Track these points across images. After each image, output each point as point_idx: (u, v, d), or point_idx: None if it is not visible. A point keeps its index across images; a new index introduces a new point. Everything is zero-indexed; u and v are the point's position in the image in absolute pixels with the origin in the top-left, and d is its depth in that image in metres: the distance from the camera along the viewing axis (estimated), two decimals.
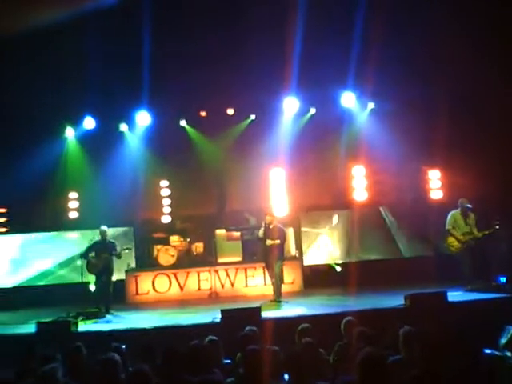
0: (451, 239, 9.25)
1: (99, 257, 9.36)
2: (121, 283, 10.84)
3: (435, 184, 11.79)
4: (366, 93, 11.67)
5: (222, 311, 7.05)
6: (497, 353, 5.15)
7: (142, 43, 10.44)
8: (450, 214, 9.36)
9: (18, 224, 11.99)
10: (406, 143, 10.84)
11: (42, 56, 10.19)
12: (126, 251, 9.70)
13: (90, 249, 9.50)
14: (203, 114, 12.18)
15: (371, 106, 12.01)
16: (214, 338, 5.07)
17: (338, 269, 11.43)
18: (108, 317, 8.92)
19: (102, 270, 9.37)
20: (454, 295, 7.97)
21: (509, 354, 5.01)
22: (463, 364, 4.05)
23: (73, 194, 12.31)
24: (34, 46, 9.96)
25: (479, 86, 10.41)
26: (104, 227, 9.65)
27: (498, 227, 9.05)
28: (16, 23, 9.43)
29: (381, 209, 11.94)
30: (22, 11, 9.36)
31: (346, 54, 10.49)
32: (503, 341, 5.24)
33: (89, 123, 11.94)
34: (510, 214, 9.70)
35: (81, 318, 8.44)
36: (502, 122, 10.40)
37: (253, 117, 12.34)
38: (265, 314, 7.29)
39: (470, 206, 9.19)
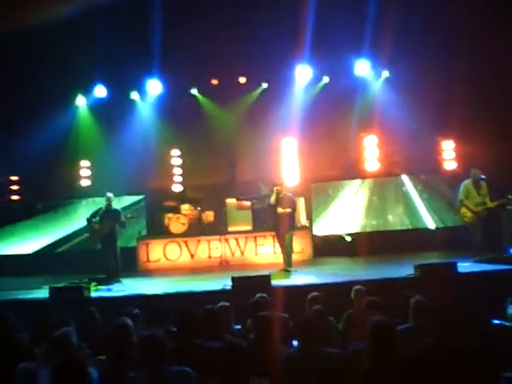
0: (464, 210, 9.18)
1: (103, 224, 9.32)
2: (132, 250, 11.00)
3: (449, 155, 11.65)
4: (380, 61, 11.45)
5: (233, 278, 7.12)
6: (506, 323, 5.18)
7: (152, 11, 10.31)
8: (462, 185, 9.28)
9: (31, 192, 12.11)
10: (421, 113, 10.67)
11: (53, 26, 10.09)
12: (130, 220, 9.65)
13: (94, 214, 9.48)
14: (215, 82, 12.07)
15: (386, 74, 11.79)
16: (226, 303, 5.13)
17: (348, 239, 11.44)
18: (119, 282, 9.03)
19: (105, 238, 9.34)
20: (464, 266, 7.96)
21: None
22: (473, 334, 4.07)
23: (84, 163, 12.37)
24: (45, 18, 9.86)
25: (498, 59, 10.18)
26: (109, 194, 9.54)
27: (511, 197, 8.96)
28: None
29: (399, 178, 11.86)
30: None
31: (361, 21, 10.29)
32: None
33: (100, 91, 11.91)
34: None
35: (93, 283, 8.58)
36: None
37: (265, 85, 12.22)
38: (275, 282, 7.34)
39: (483, 176, 9.10)
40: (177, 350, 3.99)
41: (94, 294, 7.79)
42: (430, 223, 11.64)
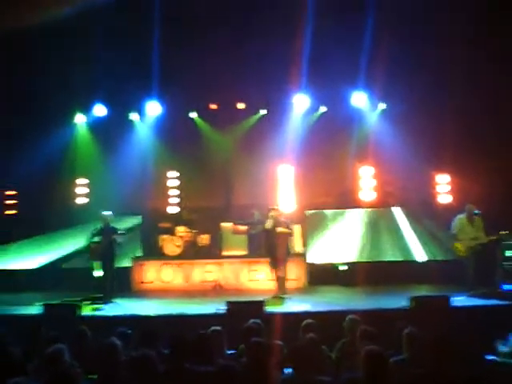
0: (457, 243, 9.23)
1: (101, 243, 9.33)
2: (127, 270, 10.95)
3: (444, 188, 11.76)
4: (377, 93, 11.66)
5: (228, 302, 7.09)
6: (499, 360, 5.18)
7: (153, 33, 10.49)
8: (456, 218, 9.34)
9: (28, 207, 12.08)
10: (416, 146, 10.83)
11: (55, 43, 10.25)
12: (120, 238, 9.46)
13: (92, 235, 9.48)
14: (214, 106, 12.23)
15: (382, 106, 12.00)
16: (218, 328, 5.11)
17: (343, 268, 11.44)
18: (113, 303, 8.98)
19: (103, 256, 9.35)
20: (458, 300, 7.98)
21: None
22: (465, 367, 4.08)
23: (81, 180, 12.39)
24: (47, 33, 10.01)
25: (492, 91, 10.40)
26: (105, 213, 9.56)
27: (505, 233, 9.04)
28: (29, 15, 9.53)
29: (392, 209, 11.96)
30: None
31: (357, 53, 10.50)
32: (505, 349, 5.25)
33: (99, 110, 12.01)
34: None
35: (86, 302, 8.53)
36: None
37: (263, 112, 12.38)
38: (268, 308, 7.32)
39: (477, 211, 9.18)
40: (168, 373, 3.97)
41: (86, 313, 7.73)
42: (421, 256, 11.67)
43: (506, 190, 10.48)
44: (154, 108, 12.05)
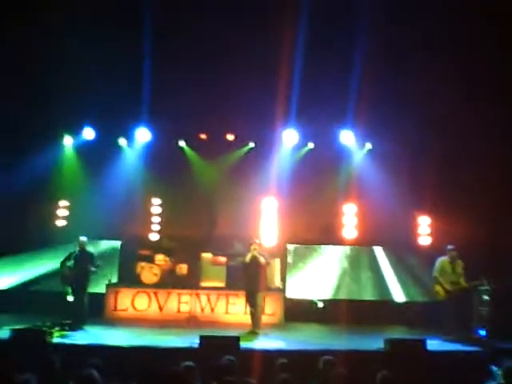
0: (437, 287, 9.25)
1: (75, 267, 9.21)
2: (100, 297, 10.75)
3: (424, 230, 11.87)
4: (363, 132, 11.86)
5: (201, 337, 6.97)
6: None
7: (145, 60, 10.61)
8: (438, 261, 9.38)
9: (4, 225, 11.88)
10: (400, 186, 10.99)
11: (47, 64, 10.30)
12: (94, 269, 9.35)
13: (67, 259, 9.35)
14: (203, 136, 12.28)
15: (369, 146, 12.18)
16: (191, 363, 5.02)
17: (320, 305, 11.39)
18: (83, 330, 8.80)
19: (76, 282, 9.21)
20: (433, 344, 7.96)
21: None
22: None
23: (63, 203, 12.26)
24: (38, 54, 10.07)
25: (472, 136, 10.63)
26: (83, 238, 9.48)
27: (484, 280, 9.10)
28: None
29: (374, 248, 12.00)
30: None
31: (345, 92, 10.69)
32: (500, 380, 5.16)
33: (88, 134, 11.99)
34: (497, 267, 9.77)
35: (56, 328, 8.33)
36: (492, 172, 10.60)
37: (252, 145, 12.47)
38: (243, 344, 7.22)
39: (450, 247, 9.23)
40: None
41: (55, 340, 7.53)
42: (399, 297, 11.68)
43: (485, 235, 10.61)
44: (143, 134, 12.06)
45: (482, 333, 8.90)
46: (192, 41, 10.75)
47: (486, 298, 9.10)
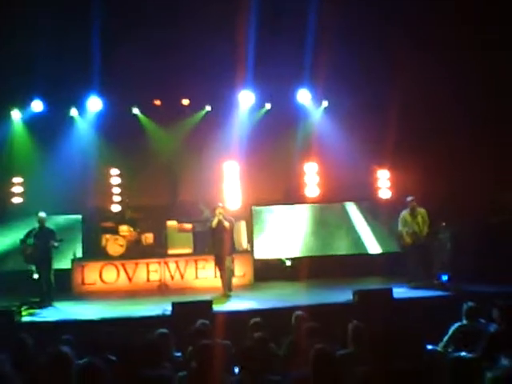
0: (402, 237, 9.58)
1: (36, 245, 9.02)
2: (67, 272, 10.56)
3: (384, 183, 12.09)
4: (320, 91, 11.83)
5: (173, 304, 7.00)
6: (438, 349, 5.41)
7: (94, 27, 10.18)
8: (400, 215, 9.69)
9: None
10: (358, 142, 11.08)
11: None
12: (56, 244, 9.14)
13: (27, 236, 9.13)
14: (157, 102, 11.98)
15: (325, 104, 12.18)
16: (165, 330, 5.03)
17: (289, 263, 11.57)
18: (52, 307, 8.67)
19: (40, 259, 9.04)
20: (399, 292, 8.25)
21: (450, 349, 5.27)
22: (408, 359, 4.21)
23: (17, 179, 11.83)
24: None
25: (429, 88, 10.78)
26: (42, 214, 9.22)
27: (444, 225, 9.44)
28: None
29: (344, 204, 12.11)
30: None
31: (301, 51, 10.60)
32: (445, 337, 5.50)
33: (37, 106, 11.50)
34: (456, 213, 10.11)
35: (24, 307, 8.17)
36: (451, 123, 10.83)
37: (208, 108, 12.26)
38: (216, 307, 7.29)
39: (410, 198, 9.51)
40: (118, 381, 3.86)
41: (25, 319, 7.40)
42: (375, 248, 11.92)
43: (444, 183, 10.88)
44: (94, 103, 11.66)
45: (444, 278, 9.28)
46: (142, 5, 10.37)
47: (446, 243, 9.46)
